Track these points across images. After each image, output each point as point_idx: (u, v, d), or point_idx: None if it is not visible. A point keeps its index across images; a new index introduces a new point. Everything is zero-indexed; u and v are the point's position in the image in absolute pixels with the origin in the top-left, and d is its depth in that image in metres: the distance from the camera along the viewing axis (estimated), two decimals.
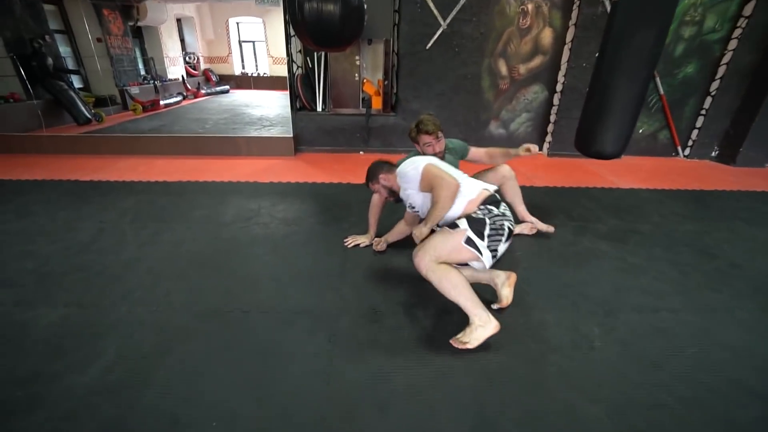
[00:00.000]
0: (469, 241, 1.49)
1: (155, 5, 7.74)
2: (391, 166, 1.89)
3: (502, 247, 1.56)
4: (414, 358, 1.44)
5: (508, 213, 1.60)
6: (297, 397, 1.26)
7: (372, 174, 1.92)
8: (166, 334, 1.54)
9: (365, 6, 2.21)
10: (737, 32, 3.97)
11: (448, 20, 3.68)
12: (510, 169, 2.34)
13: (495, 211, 1.56)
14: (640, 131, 4.42)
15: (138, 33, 7.98)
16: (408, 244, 2.27)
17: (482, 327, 1.44)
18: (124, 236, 2.35)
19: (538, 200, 3.02)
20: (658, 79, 4.17)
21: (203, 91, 9.51)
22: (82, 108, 5.42)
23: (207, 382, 1.31)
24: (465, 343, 1.45)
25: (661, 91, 4.24)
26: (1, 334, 1.52)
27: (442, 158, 2.06)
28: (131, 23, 7.58)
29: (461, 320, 1.54)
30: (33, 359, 1.40)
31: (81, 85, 6.28)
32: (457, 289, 1.45)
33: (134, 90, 7.12)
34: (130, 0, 7.01)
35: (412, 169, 1.70)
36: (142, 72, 7.98)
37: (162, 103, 7.41)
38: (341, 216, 2.68)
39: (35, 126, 4.71)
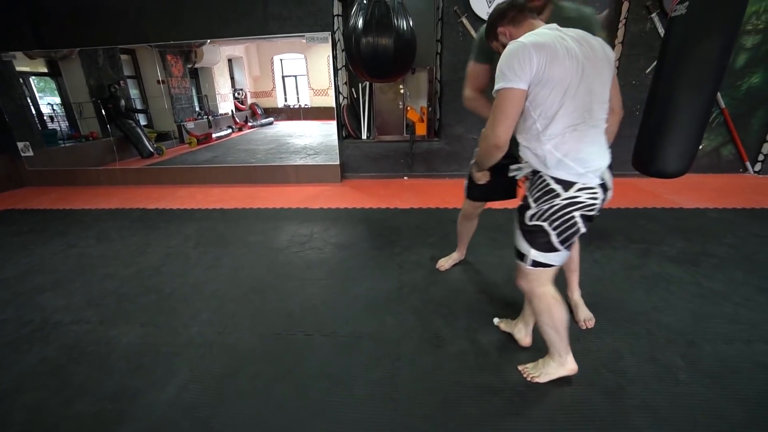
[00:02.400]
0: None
1: (211, 48, 8.49)
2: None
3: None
4: (482, 386, 1.38)
5: None
6: (364, 424, 1.25)
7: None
8: (235, 355, 1.60)
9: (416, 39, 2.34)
10: None
11: None
12: None
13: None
14: (700, 147, 4.15)
15: (194, 73, 8.76)
16: (464, 267, 2.25)
17: (559, 366, 1.36)
18: (189, 260, 2.50)
19: (596, 221, 2.88)
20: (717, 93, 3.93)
21: (250, 124, 10.16)
22: (146, 143, 5.96)
23: (274, 405, 1.33)
24: (534, 376, 1.38)
25: (722, 105, 4.00)
26: (91, 350, 1.65)
27: None
28: (189, 65, 8.36)
29: (529, 349, 1.47)
30: (118, 375, 1.50)
31: (145, 123, 6.93)
32: (553, 327, 1.29)
33: (190, 125, 7.75)
34: (190, 45, 7.73)
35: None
36: (197, 108, 8.70)
37: (214, 135, 7.99)
38: (392, 240, 2.70)
39: (110, 160, 5.23)
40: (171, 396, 1.39)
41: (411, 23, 2.09)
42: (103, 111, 5.43)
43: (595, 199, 1.15)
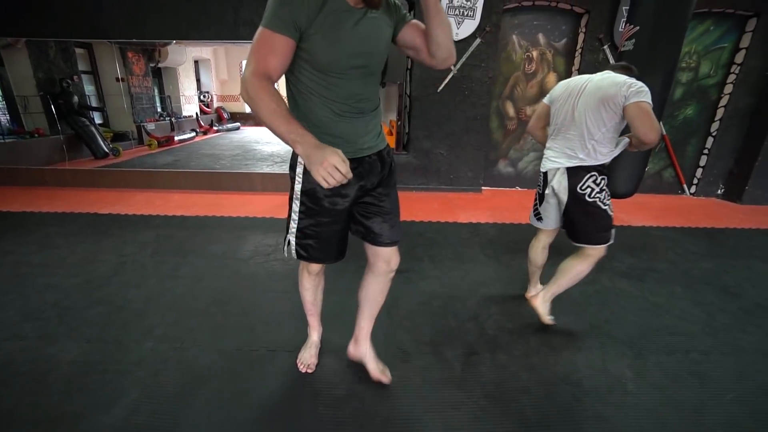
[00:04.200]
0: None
1: (176, 48, 8.19)
2: None
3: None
4: (446, 400, 1.40)
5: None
6: None
7: None
8: (192, 372, 1.52)
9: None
10: (731, 78, 4.17)
11: (458, 66, 3.89)
12: None
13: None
14: (646, 169, 4.52)
15: (157, 73, 8.39)
16: (431, 280, 2.28)
17: None
18: (145, 270, 2.36)
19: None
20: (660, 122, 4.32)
21: (215, 128, 9.83)
22: (101, 143, 5.61)
23: (233, 426, 1.28)
24: None
25: (663, 132, 4.38)
26: (26, 369, 1.50)
27: None
28: (152, 64, 8.00)
29: (491, 361, 1.51)
30: (57, 398, 1.38)
31: (101, 121, 6.53)
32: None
33: (150, 126, 7.38)
34: (154, 44, 7.42)
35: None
36: (159, 109, 8.32)
37: (176, 138, 7.65)
38: (359, 251, 2.69)
39: (58, 159, 4.86)
40: (117, 419, 1.29)
41: None
42: (52, 106, 5.06)
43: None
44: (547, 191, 1.79)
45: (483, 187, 4.42)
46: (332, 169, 0.83)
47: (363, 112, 1.10)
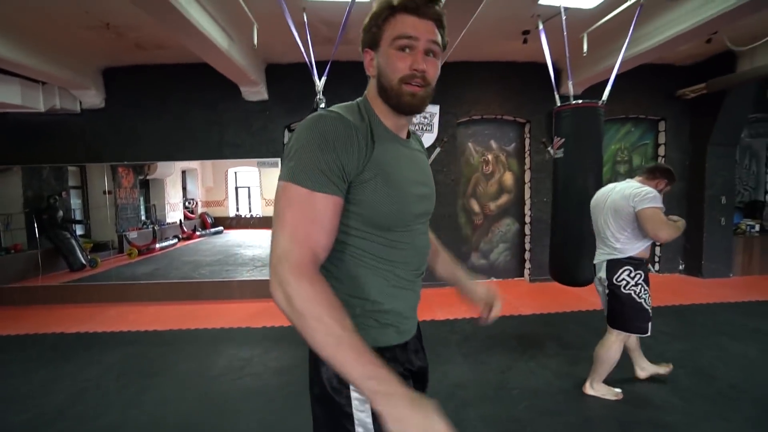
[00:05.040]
0: None
1: (166, 162, 8.77)
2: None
3: None
4: None
5: None
6: None
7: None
8: None
9: None
10: None
11: None
12: None
13: None
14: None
15: (145, 184, 8.83)
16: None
17: None
18: (107, 397, 2.23)
19: (528, 329, 3.08)
20: None
21: (198, 233, 10.02)
22: (79, 255, 5.60)
23: None
24: None
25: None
26: None
27: None
28: (141, 177, 8.47)
29: None
30: None
31: (82, 233, 6.61)
32: None
33: (132, 235, 7.48)
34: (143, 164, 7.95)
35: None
36: (144, 217, 8.53)
37: (158, 246, 7.71)
38: None
39: (32, 274, 4.78)
40: None
41: None
42: (35, 222, 5.17)
43: None
44: (595, 280, 2.15)
45: None
46: None
47: (420, 276, 0.84)
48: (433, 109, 4.22)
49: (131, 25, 3.24)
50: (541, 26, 3.14)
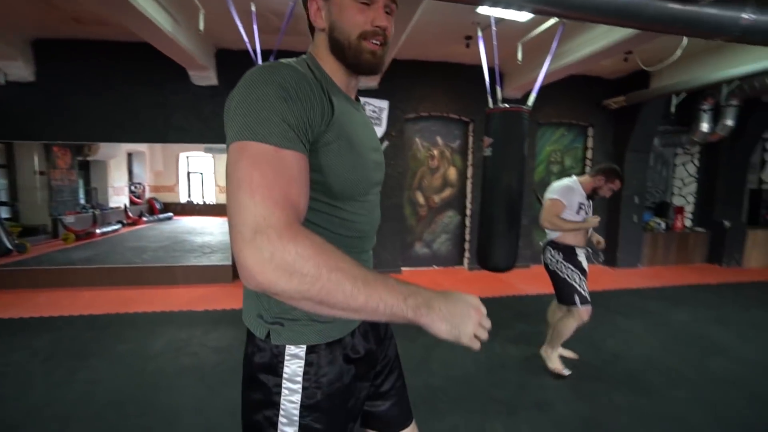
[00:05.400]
0: None
1: (110, 144, 8.27)
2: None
3: None
4: None
5: None
6: None
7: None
8: None
9: None
10: (587, 169, 5.28)
11: None
12: None
13: None
14: (540, 243, 5.26)
15: (85, 165, 8.28)
16: None
17: None
18: (31, 379, 2.21)
19: None
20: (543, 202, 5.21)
21: (145, 219, 9.57)
22: (4, 239, 5.23)
23: None
24: None
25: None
26: None
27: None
28: (80, 158, 7.93)
29: None
30: None
31: (8, 216, 6.13)
32: None
33: (69, 219, 7.04)
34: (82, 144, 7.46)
35: None
36: (82, 201, 8.02)
37: (98, 231, 7.32)
38: None
39: None
40: None
41: None
42: None
43: None
44: None
45: (402, 268, 4.80)
46: (485, 318, 0.59)
47: (369, 250, 0.81)
48: (383, 104, 4.39)
49: None
50: (479, 33, 3.39)
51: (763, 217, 5.59)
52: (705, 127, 4.71)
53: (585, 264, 2.35)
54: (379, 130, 4.45)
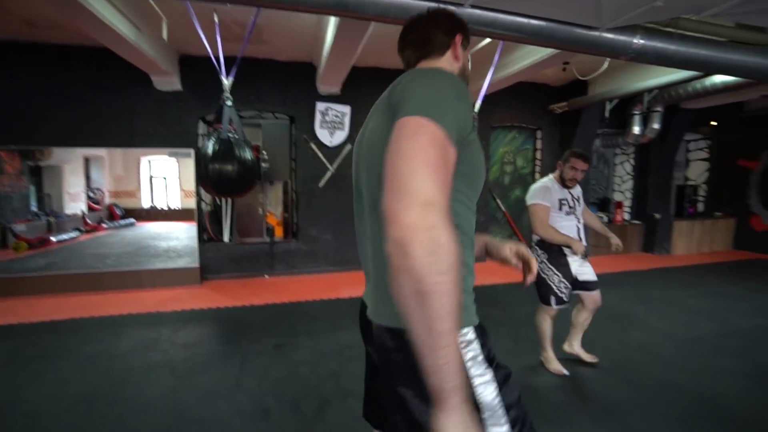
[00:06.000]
0: None
1: (64, 148, 7.96)
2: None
3: None
4: None
5: None
6: None
7: None
8: None
9: (260, 164, 2.94)
10: (537, 168, 5.75)
11: (335, 165, 4.72)
12: None
13: None
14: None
15: (37, 171, 7.92)
16: (303, 351, 2.62)
17: None
18: (6, 382, 2.25)
19: None
20: (498, 201, 5.61)
21: (105, 225, 9.25)
22: None
23: None
24: None
25: (503, 209, 5.66)
26: None
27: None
28: (31, 163, 7.59)
29: (342, 410, 1.87)
30: None
31: None
32: None
33: (20, 227, 6.74)
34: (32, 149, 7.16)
35: None
36: (34, 208, 7.67)
37: (54, 239, 7.04)
38: (241, 334, 2.92)
39: None
40: None
41: (250, 154, 2.75)
42: None
43: None
44: None
45: None
46: None
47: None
48: (345, 109, 4.60)
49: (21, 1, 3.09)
50: None
51: (687, 210, 6.29)
52: (636, 129, 5.28)
53: (575, 264, 2.29)
54: (342, 134, 4.66)
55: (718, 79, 3.96)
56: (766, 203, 5.98)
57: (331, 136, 4.63)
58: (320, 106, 4.55)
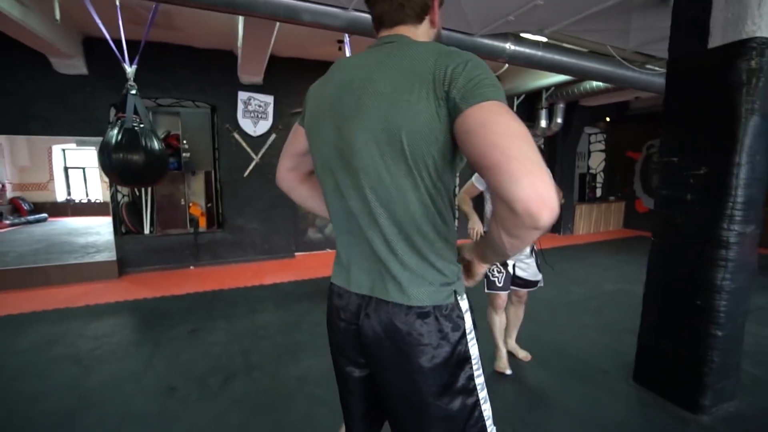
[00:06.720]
0: None
1: None
2: None
3: None
4: (204, 413, 1.83)
5: None
6: None
7: None
8: None
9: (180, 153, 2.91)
10: None
11: (260, 155, 4.74)
12: None
13: None
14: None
15: None
16: (216, 334, 2.72)
17: None
18: None
19: None
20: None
21: (8, 222, 8.34)
22: None
23: None
24: None
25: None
26: None
27: None
28: None
29: (247, 381, 2.03)
30: None
31: None
32: None
33: None
34: None
35: None
36: None
37: None
38: (157, 322, 2.94)
39: None
40: None
41: (158, 144, 2.74)
42: None
43: None
44: None
45: (296, 253, 5.15)
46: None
47: None
48: (268, 99, 4.63)
49: None
50: (347, 39, 3.84)
51: (588, 195, 7.18)
52: (543, 123, 5.91)
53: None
54: (266, 124, 4.69)
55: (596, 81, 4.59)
56: (646, 188, 7.03)
57: (254, 126, 4.63)
58: (242, 95, 4.53)
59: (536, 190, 0.54)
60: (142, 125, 2.71)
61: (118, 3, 3.04)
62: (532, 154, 0.56)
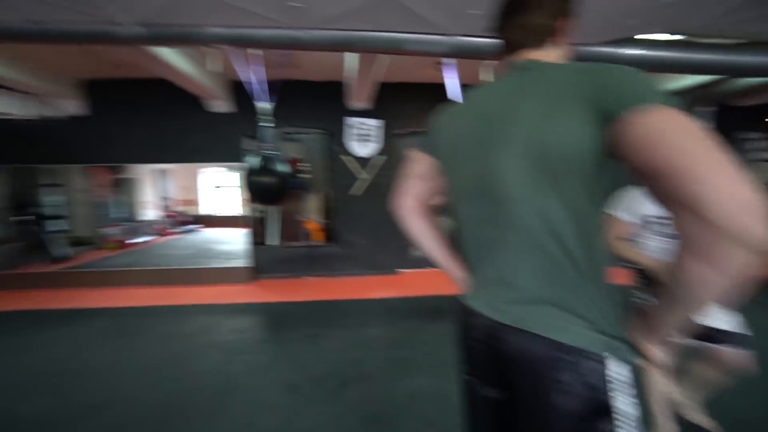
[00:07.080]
0: None
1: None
2: None
3: None
4: (322, 412, 2.03)
5: None
6: None
7: None
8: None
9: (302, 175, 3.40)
10: None
11: (370, 175, 5.08)
12: None
13: None
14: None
15: (120, 182, 9.22)
16: (339, 342, 2.99)
17: None
18: (101, 350, 2.84)
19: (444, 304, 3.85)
20: None
21: (173, 231, 10.46)
22: (57, 248, 6.07)
23: None
24: None
25: None
26: None
27: None
28: (117, 176, 8.87)
29: (360, 389, 2.19)
30: None
31: (65, 228, 7.01)
32: None
33: (108, 231, 7.92)
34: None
35: None
36: (117, 215, 8.93)
37: (133, 242, 8.18)
38: (281, 324, 3.36)
39: (13, 264, 5.25)
40: None
41: (286, 167, 3.18)
42: (16, 216, 5.65)
43: None
44: None
45: (399, 270, 5.30)
46: None
47: None
48: (376, 123, 4.96)
49: (109, 50, 3.82)
50: (444, 60, 3.86)
51: None
52: None
53: None
54: (374, 146, 5.02)
55: None
56: None
57: (364, 148, 5.01)
58: (350, 120, 4.95)
59: (736, 192, 0.48)
60: (273, 152, 3.18)
61: (256, 53, 3.65)
62: (720, 154, 0.50)
